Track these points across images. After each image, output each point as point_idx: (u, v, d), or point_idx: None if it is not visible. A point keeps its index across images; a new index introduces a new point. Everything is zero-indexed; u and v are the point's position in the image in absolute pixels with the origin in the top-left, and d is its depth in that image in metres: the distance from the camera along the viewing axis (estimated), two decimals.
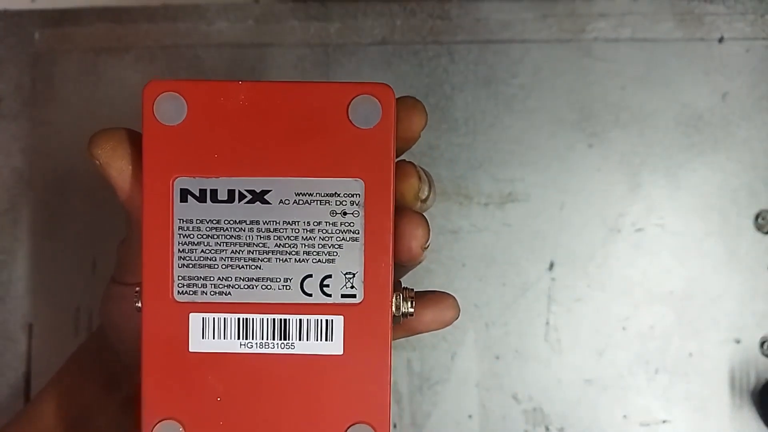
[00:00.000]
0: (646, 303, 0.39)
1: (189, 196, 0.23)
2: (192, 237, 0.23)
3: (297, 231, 0.24)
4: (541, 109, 0.40)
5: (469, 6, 0.40)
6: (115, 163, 0.24)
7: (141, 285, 0.24)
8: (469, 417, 0.39)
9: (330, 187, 0.23)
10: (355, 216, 0.24)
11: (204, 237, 0.23)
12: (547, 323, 0.39)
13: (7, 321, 0.40)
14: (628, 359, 0.39)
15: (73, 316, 0.40)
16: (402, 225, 0.24)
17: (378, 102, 0.23)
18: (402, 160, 0.25)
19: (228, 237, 0.23)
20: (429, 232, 0.25)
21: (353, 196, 0.23)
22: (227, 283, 0.23)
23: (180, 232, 0.23)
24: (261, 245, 0.23)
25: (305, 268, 0.24)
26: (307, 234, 0.24)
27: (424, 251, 0.25)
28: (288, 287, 0.23)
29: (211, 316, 0.23)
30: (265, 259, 0.23)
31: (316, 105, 0.23)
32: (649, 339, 0.39)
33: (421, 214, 0.25)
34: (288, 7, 0.41)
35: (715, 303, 0.39)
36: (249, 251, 0.23)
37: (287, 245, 0.23)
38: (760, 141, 0.39)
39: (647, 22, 0.40)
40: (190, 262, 0.23)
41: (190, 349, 0.23)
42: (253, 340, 0.23)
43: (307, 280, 0.24)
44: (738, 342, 0.39)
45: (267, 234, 0.23)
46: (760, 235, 0.39)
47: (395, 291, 0.24)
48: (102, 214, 0.40)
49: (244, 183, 0.23)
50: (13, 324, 0.40)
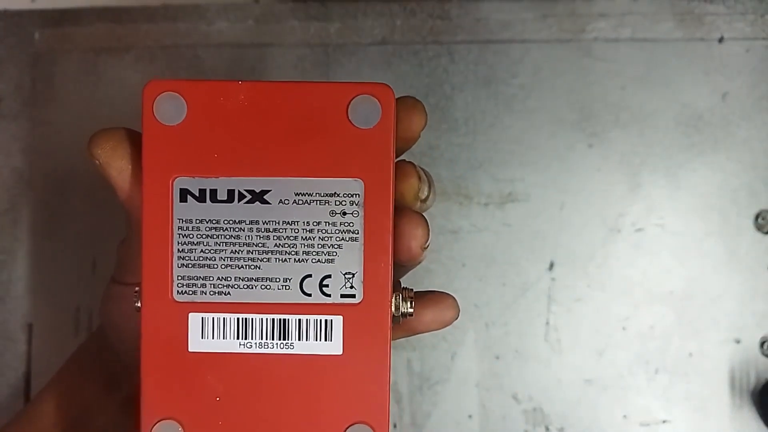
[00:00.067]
0: (646, 303, 0.39)
1: (189, 196, 0.23)
2: (191, 237, 0.23)
3: (296, 231, 0.23)
4: (541, 109, 0.40)
5: (469, 6, 0.40)
6: (115, 163, 0.24)
7: (140, 285, 0.24)
8: (469, 417, 0.39)
9: (329, 187, 0.23)
10: (355, 216, 0.24)
11: (203, 237, 0.23)
12: (547, 323, 0.39)
13: (7, 321, 0.40)
14: (628, 359, 0.39)
15: (73, 316, 0.40)
16: (402, 225, 0.24)
17: (378, 102, 0.23)
18: (402, 160, 0.25)
19: (227, 237, 0.23)
20: (429, 232, 0.25)
21: (353, 196, 0.23)
22: (227, 283, 0.23)
23: (180, 232, 0.23)
24: (260, 245, 0.23)
25: (305, 268, 0.24)
26: (307, 234, 0.24)
27: (423, 251, 0.25)
28: (287, 287, 0.23)
29: (211, 316, 0.23)
30: (265, 259, 0.23)
31: (315, 105, 0.23)
32: (649, 339, 0.39)
33: (421, 214, 0.25)
34: (288, 7, 0.41)
35: (715, 303, 0.39)
36: (248, 251, 0.23)
37: (287, 245, 0.23)
38: (760, 141, 0.39)
39: (647, 22, 0.40)
40: (189, 261, 0.23)
41: (189, 349, 0.23)
42: (253, 340, 0.23)
43: (307, 280, 0.24)
44: (738, 342, 0.39)
45: (266, 234, 0.23)
46: (760, 235, 0.39)
47: (395, 291, 0.24)
48: (102, 214, 0.40)
49: (243, 183, 0.23)
50: (13, 324, 0.40)
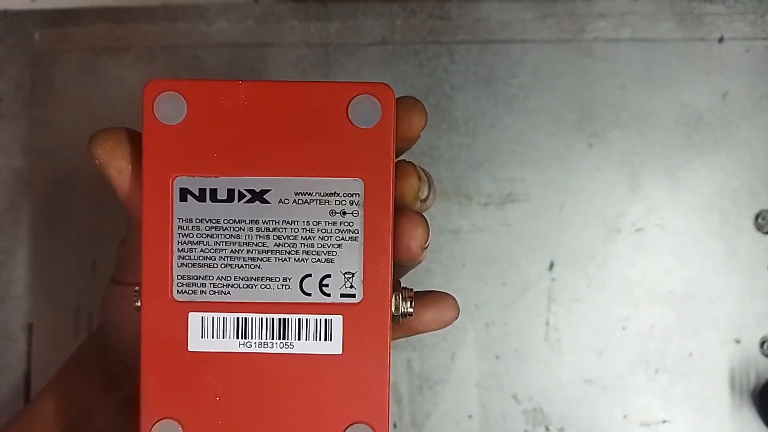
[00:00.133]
0: (646, 303, 0.39)
1: (188, 195, 0.23)
2: (191, 236, 0.23)
3: (296, 230, 0.23)
4: (541, 109, 0.40)
5: (469, 6, 0.40)
6: (115, 163, 0.24)
7: (140, 284, 0.24)
8: (469, 417, 0.39)
9: (329, 187, 0.23)
10: (355, 216, 0.24)
11: (203, 236, 0.23)
12: (547, 323, 0.39)
13: (7, 321, 0.40)
14: (628, 359, 0.39)
15: (73, 316, 0.40)
16: (401, 225, 0.24)
17: (378, 102, 0.23)
18: (402, 159, 0.25)
19: (227, 236, 0.23)
20: (428, 232, 0.25)
21: (353, 195, 0.23)
22: (226, 283, 0.23)
23: (179, 231, 0.23)
24: (260, 245, 0.23)
25: (304, 267, 0.24)
26: (307, 233, 0.24)
27: (423, 251, 0.25)
28: (287, 287, 0.23)
29: (211, 315, 0.23)
30: (265, 259, 0.23)
31: (315, 105, 0.23)
32: (649, 339, 0.39)
33: (421, 214, 0.25)
34: (288, 7, 0.41)
35: (715, 303, 0.39)
36: (248, 251, 0.23)
37: (286, 245, 0.23)
38: (760, 141, 0.39)
39: (647, 22, 0.40)
40: (189, 261, 0.23)
41: (189, 349, 0.23)
42: (252, 339, 0.23)
43: (307, 279, 0.24)
44: (738, 342, 0.39)
45: (266, 233, 0.23)
46: (760, 235, 0.39)
47: (394, 291, 0.24)
48: (102, 214, 0.40)
49: (243, 182, 0.23)
50: (13, 324, 0.40)
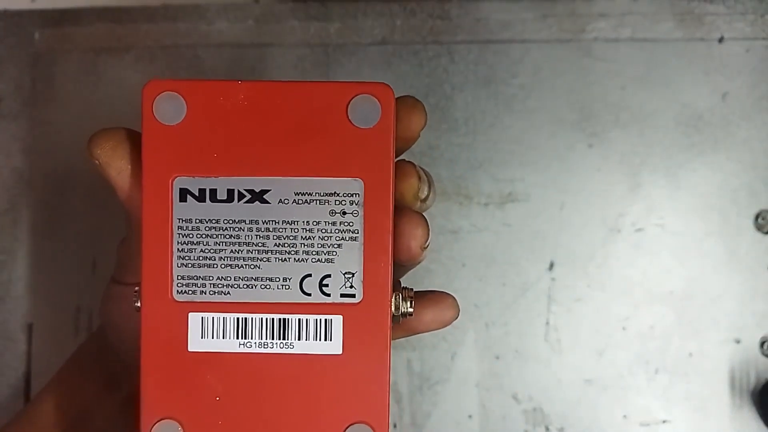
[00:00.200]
0: (646, 303, 0.39)
1: (188, 195, 0.23)
2: (191, 236, 0.23)
3: (296, 230, 0.23)
4: (541, 109, 0.40)
5: (469, 6, 0.40)
6: (115, 163, 0.24)
7: (140, 285, 0.24)
8: (469, 417, 0.39)
9: (329, 187, 0.23)
10: (355, 216, 0.24)
11: (203, 236, 0.23)
12: (547, 323, 0.39)
13: (7, 321, 0.40)
14: (628, 359, 0.39)
15: (73, 316, 0.40)
16: (401, 225, 0.24)
17: (377, 102, 0.23)
18: (402, 159, 0.25)
19: (227, 236, 0.23)
20: (428, 231, 0.25)
21: (352, 195, 0.23)
22: (226, 283, 0.23)
23: (179, 231, 0.23)
24: (260, 245, 0.23)
25: (304, 267, 0.23)
26: (307, 233, 0.24)
27: (423, 251, 0.25)
28: (287, 287, 0.23)
29: (211, 315, 0.23)
30: (265, 259, 0.23)
31: (315, 105, 0.23)
32: (649, 339, 0.39)
33: (421, 213, 0.25)
34: (288, 7, 0.41)
35: (715, 303, 0.39)
36: (248, 251, 0.23)
37: (286, 245, 0.23)
38: (760, 141, 0.39)
39: (647, 22, 0.40)
40: (189, 261, 0.23)
41: (189, 349, 0.23)
42: (252, 339, 0.23)
43: (307, 279, 0.24)
44: (738, 342, 0.39)
45: (266, 233, 0.23)
46: (760, 235, 0.39)
47: (394, 291, 0.24)
48: (102, 214, 0.40)
49: (243, 183, 0.23)
50: (13, 324, 0.40)
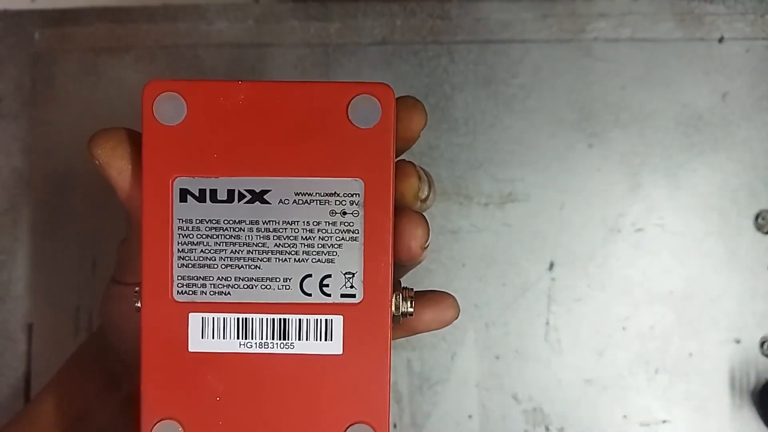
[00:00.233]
0: (646, 303, 0.39)
1: (188, 196, 0.23)
2: (191, 237, 0.23)
3: (296, 231, 0.23)
4: (541, 109, 0.40)
5: (469, 6, 0.40)
6: (115, 163, 0.24)
7: (140, 285, 0.24)
8: (469, 417, 0.39)
9: (329, 187, 0.23)
10: (355, 216, 0.24)
11: (203, 237, 0.23)
12: (547, 323, 0.39)
13: (7, 321, 0.40)
14: (628, 359, 0.39)
15: (73, 316, 0.40)
16: (402, 225, 0.24)
17: (378, 102, 0.23)
18: (402, 159, 0.25)
19: (227, 237, 0.23)
20: (429, 231, 0.25)
21: (353, 195, 0.23)
22: (227, 283, 0.23)
23: (180, 232, 0.23)
24: (260, 245, 0.23)
25: (305, 267, 0.24)
26: (307, 234, 0.24)
27: (423, 251, 0.25)
28: (287, 287, 0.23)
29: (211, 316, 0.23)
30: (265, 259, 0.23)
31: (315, 105, 0.23)
32: (649, 339, 0.39)
33: (421, 213, 0.25)
34: (288, 7, 0.41)
35: (715, 303, 0.39)
36: (248, 251, 0.23)
37: (287, 245, 0.23)
38: (760, 141, 0.39)
39: (647, 22, 0.40)
40: (189, 262, 0.23)
41: (189, 349, 0.23)
42: (253, 339, 0.23)
43: (307, 279, 0.24)
44: (738, 342, 0.39)
45: (266, 234, 0.23)
46: (760, 235, 0.39)
47: (395, 291, 0.24)
48: (102, 214, 0.40)
49: (243, 183, 0.23)
50: (13, 324, 0.40)
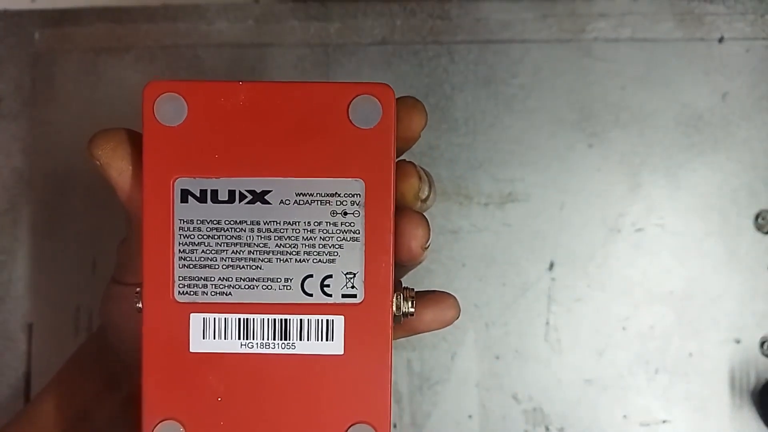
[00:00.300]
0: (646, 303, 0.39)
1: (189, 196, 0.23)
2: (192, 237, 0.23)
3: (297, 231, 0.24)
4: (541, 109, 0.40)
5: (469, 6, 0.40)
6: (116, 164, 0.24)
7: (141, 285, 0.24)
8: (469, 417, 0.39)
9: (330, 187, 0.23)
10: (356, 216, 0.24)
11: (204, 237, 0.23)
12: (547, 323, 0.39)
13: (7, 321, 0.40)
14: (628, 359, 0.39)
15: (73, 316, 0.40)
16: (402, 225, 0.24)
17: (378, 102, 0.23)
18: (402, 159, 0.25)
19: (228, 237, 0.23)
20: (429, 231, 0.25)
21: (353, 196, 0.23)
22: (228, 284, 0.23)
23: (180, 232, 0.23)
24: (261, 245, 0.23)
25: (306, 268, 0.24)
26: (308, 234, 0.24)
27: (424, 251, 0.25)
28: (288, 287, 0.23)
29: (212, 316, 0.23)
30: (266, 260, 0.23)
31: (316, 105, 0.23)
32: (649, 339, 0.39)
33: (422, 213, 0.25)
34: (288, 7, 0.41)
35: (715, 303, 0.39)
36: (249, 251, 0.23)
37: (288, 245, 0.23)
38: (760, 141, 0.39)
39: (647, 22, 0.40)
40: (190, 262, 0.23)
41: (190, 350, 0.23)
42: (254, 340, 0.23)
43: (308, 280, 0.24)
44: (738, 342, 0.39)
45: (267, 234, 0.23)
46: (760, 235, 0.39)
47: (396, 291, 0.24)
48: (102, 214, 0.40)
49: (244, 183, 0.23)
50: (13, 324, 0.40)
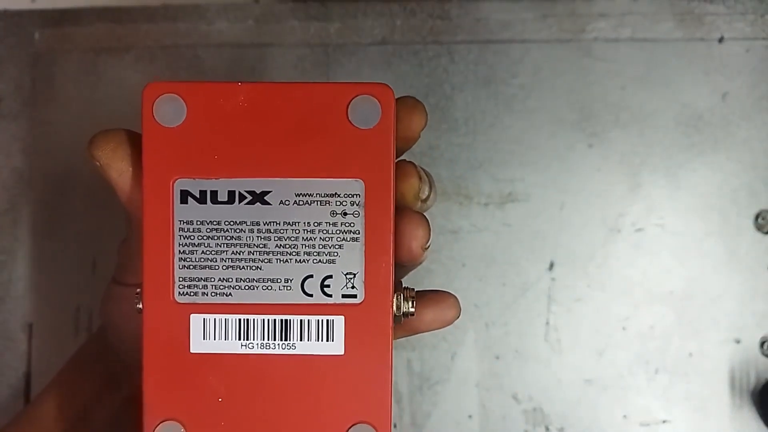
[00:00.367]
0: (646, 303, 0.39)
1: (189, 197, 0.23)
2: (192, 238, 0.23)
3: (297, 231, 0.24)
4: (541, 109, 0.40)
5: (469, 6, 0.40)
6: (116, 165, 0.24)
7: (142, 286, 0.24)
8: (469, 417, 0.39)
9: (330, 188, 0.23)
10: (356, 216, 0.24)
11: (204, 238, 0.23)
12: (547, 323, 0.39)
13: (7, 321, 0.40)
14: (628, 359, 0.39)
15: (73, 316, 0.40)
16: (402, 225, 0.24)
17: (378, 102, 0.23)
18: (402, 160, 0.25)
19: (228, 238, 0.23)
20: (429, 232, 0.25)
21: (353, 196, 0.23)
22: (228, 284, 0.23)
23: (180, 233, 0.23)
24: (261, 246, 0.23)
25: (306, 268, 0.24)
26: (308, 234, 0.24)
27: (424, 251, 0.25)
28: (289, 288, 0.23)
29: (212, 317, 0.23)
30: (266, 260, 0.23)
31: (315, 105, 0.23)
32: (649, 339, 0.39)
33: (422, 214, 0.25)
34: (288, 7, 0.41)
35: (715, 303, 0.39)
36: (249, 252, 0.23)
37: (288, 246, 0.23)
38: (760, 141, 0.39)
39: (647, 22, 0.40)
40: (190, 263, 0.23)
41: (191, 350, 0.23)
42: (254, 340, 0.23)
43: (308, 280, 0.24)
44: (738, 342, 0.39)
45: (267, 235, 0.23)
46: (760, 235, 0.39)
47: (396, 291, 0.24)
48: (102, 214, 0.40)
49: (244, 184, 0.23)
50: (13, 324, 0.40)
